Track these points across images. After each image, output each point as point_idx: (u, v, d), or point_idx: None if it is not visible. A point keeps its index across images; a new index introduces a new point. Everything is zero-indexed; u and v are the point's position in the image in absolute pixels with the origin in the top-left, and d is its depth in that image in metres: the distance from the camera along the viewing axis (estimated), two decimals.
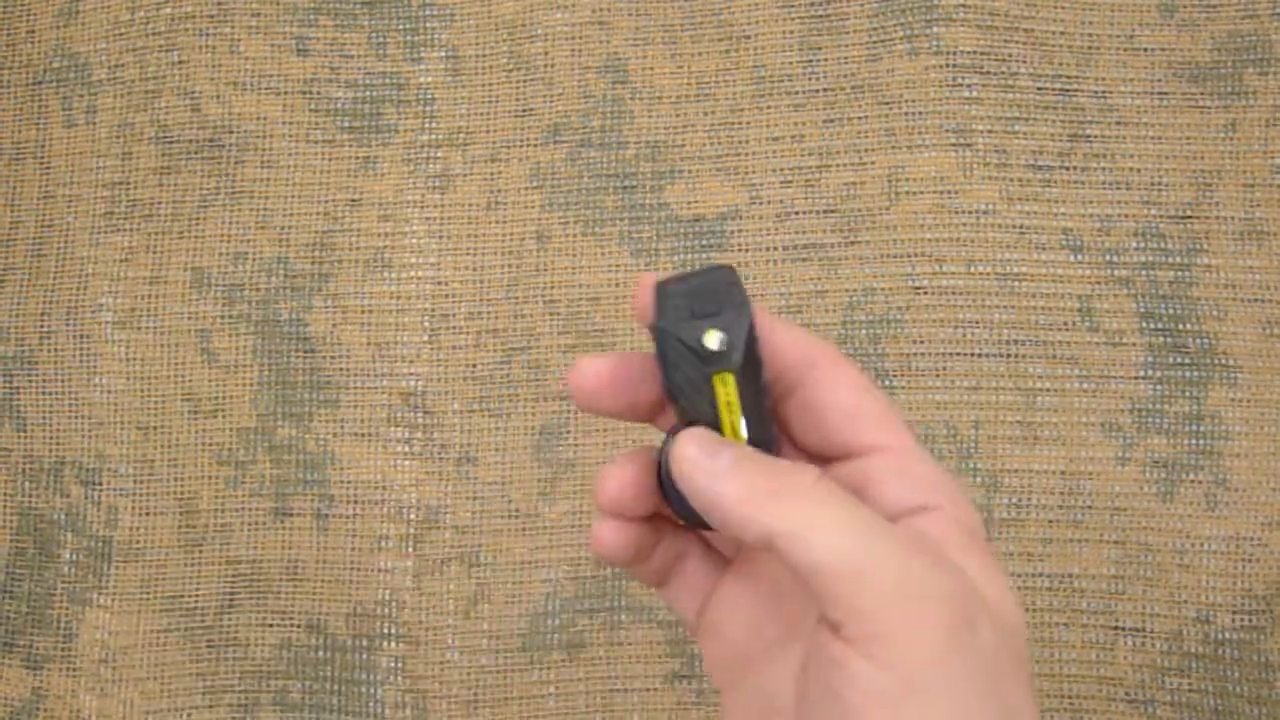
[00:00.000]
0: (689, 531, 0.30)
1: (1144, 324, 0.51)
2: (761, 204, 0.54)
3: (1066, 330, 0.51)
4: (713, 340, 0.26)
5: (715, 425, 0.27)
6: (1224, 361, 0.51)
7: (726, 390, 0.26)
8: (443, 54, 0.57)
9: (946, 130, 0.53)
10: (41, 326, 0.56)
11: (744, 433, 0.27)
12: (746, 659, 0.28)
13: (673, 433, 0.28)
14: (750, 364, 0.26)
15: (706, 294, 0.26)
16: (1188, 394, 0.51)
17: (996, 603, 0.24)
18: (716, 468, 0.25)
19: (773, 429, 0.27)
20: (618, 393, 0.28)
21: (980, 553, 0.25)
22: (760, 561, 0.29)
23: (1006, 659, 0.23)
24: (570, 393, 0.28)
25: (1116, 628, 0.49)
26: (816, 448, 0.28)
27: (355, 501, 0.53)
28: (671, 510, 0.29)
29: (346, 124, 0.56)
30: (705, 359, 0.26)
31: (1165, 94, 0.53)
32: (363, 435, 0.54)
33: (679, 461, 0.26)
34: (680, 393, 0.27)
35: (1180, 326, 0.51)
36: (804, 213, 0.54)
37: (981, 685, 0.22)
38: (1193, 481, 0.50)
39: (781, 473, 0.25)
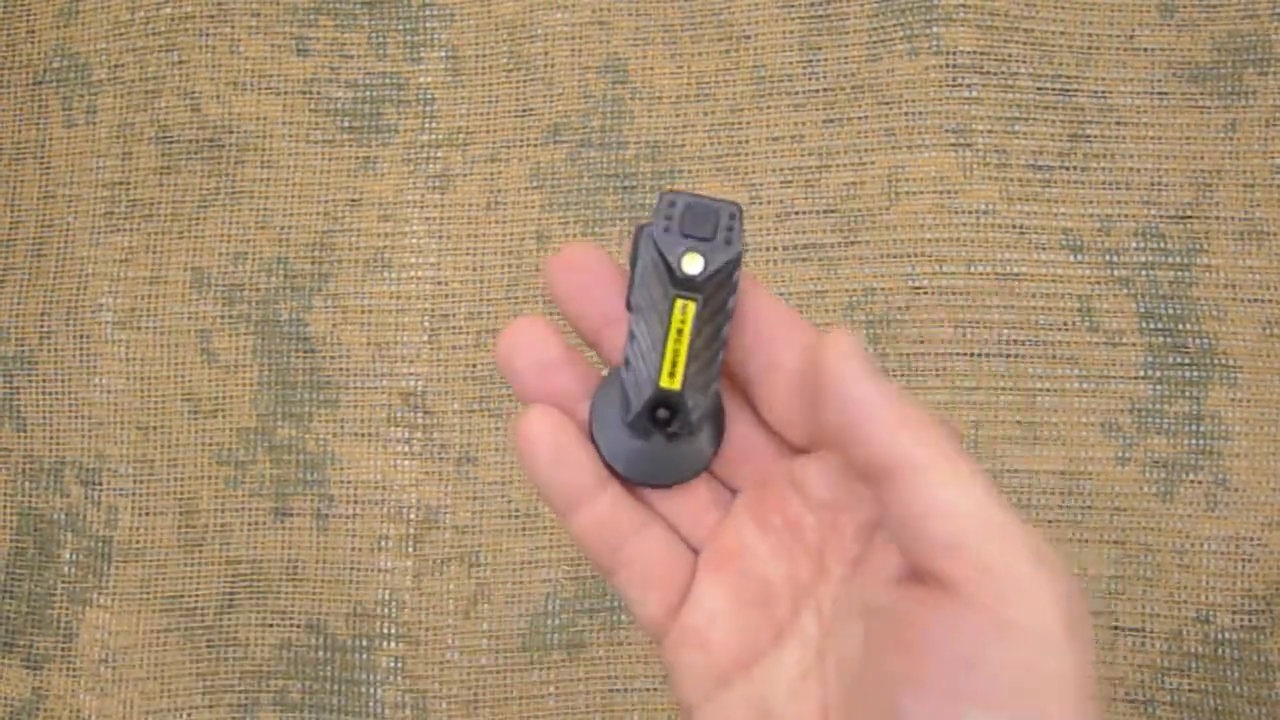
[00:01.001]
0: (644, 501, 0.28)
1: (1144, 324, 0.51)
2: (761, 204, 0.54)
3: (1066, 330, 0.51)
4: (691, 263, 0.25)
5: (659, 351, 0.25)
6: (1224, 361, 0.51)
7: (683, 318, 0.25)
8: (443, 54, 0.57)
9: (946, 130, 0.53)
10: (41, 326, 0.56)
11: (683, 367, 0.25)
12: (733, 668, 0.26)
13: (608, 377, 0.26)
14: (718, 304, 0.25)
15: (705, 218, 0.25)
16: (1188, 394, 0.51)
17: None
18: (870, 366, 0.23)
19: (715, 383, 0.26)
20: (589, 290, 0.26)
21: None
22: (741, 554, 0.27)
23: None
24: (547, 274, 0.26)
25: (1116, 628, 0.49)
26: (802, 427, 0.26)
27: (355, 501, 0.53)
28: (628, 476, 0.27)
29: (346, 124, 0.56)
30: (675, 278, 0.25)
31: (1165, 94, 0.53)
32: (363, 435, 0.54)
33: (838, 343, 0.23)
34: (639, 307, 0.25)
35: (1180, 326, 0.51)
36: (804, 213, 0.53)
37: (1085, 648, 0.22)
38: (1193, 481, 0.50)
39: (917, 404, 0.23)
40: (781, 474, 0.27)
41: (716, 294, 0.25)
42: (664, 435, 0.27)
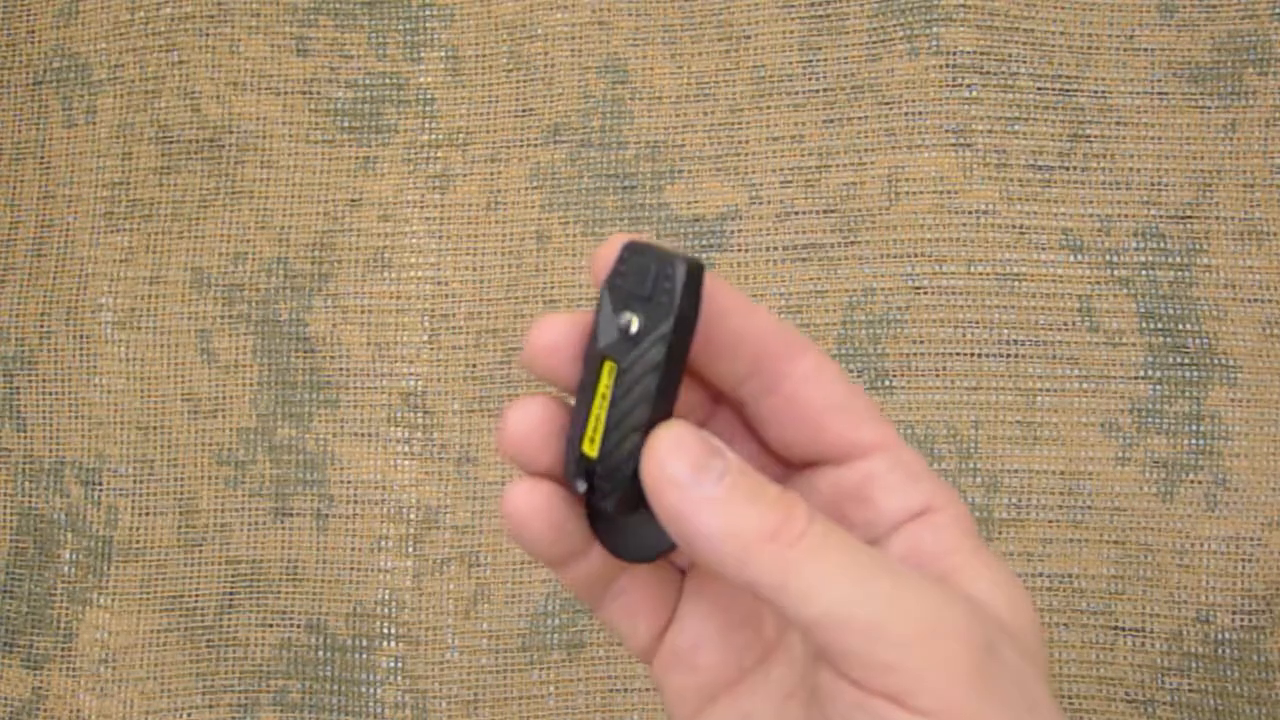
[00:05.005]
0: None
1: (1144, 324, 0.51)
2: (761, 204, 0.54)
3: (1066, 330, 0.51)
4: (625, 324, 0.23)
5: (585, 411, 0.24)
6: (1224, 361, 0.51)
7: (607, 382, 0.23)
8: (443, 54, 0.57)
9: (946, 130, 0.53)
10: (41, 326, 0.56)
11: (601, 435, 0.23)
12: (720, 687, 0.26)
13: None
14: (640, 371, 0.23)
15: (643, 275, 0.23)
16: (1188, 394, 0.51)
17: (1009, 606, 0.23)
18: (701, 490, 0.22)
19: (635, 463, 0.23)
20: (572, 362, 0.24)
21: (984, 552, 0.25)
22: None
23: (1029, 669, 0.23)
24: (524, 355, 0.24)
25: (1116, 628, 0.49)
26: (802, 449, 0.25)
27: (355, 501, 0.53)
28: (603, 545, 0.25)
29: (346, 124, 0.56)
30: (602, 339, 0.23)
31: (1165, 94, 0.53)
32: (363, 435, 0.54)
33: (653, 472, 0.22)
34: (587, 361, 0.24)
35: (1180, 326, 0.51)
36: (804, 213, 0.54)
37: (1017, 704, 0.22)
38: (1193, 481, 0.50)
39: (774, 506, 0.22)
40: None
41: (641, 360, 0.23)
42: (589, 507, 0.25)
